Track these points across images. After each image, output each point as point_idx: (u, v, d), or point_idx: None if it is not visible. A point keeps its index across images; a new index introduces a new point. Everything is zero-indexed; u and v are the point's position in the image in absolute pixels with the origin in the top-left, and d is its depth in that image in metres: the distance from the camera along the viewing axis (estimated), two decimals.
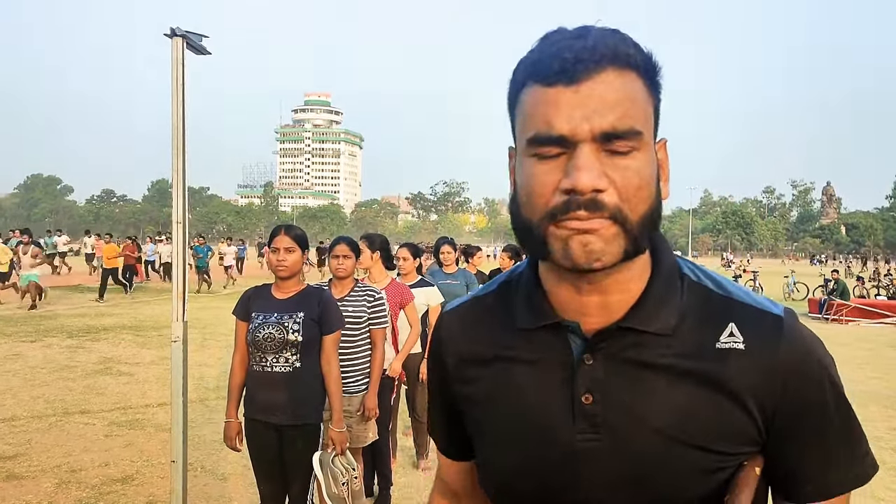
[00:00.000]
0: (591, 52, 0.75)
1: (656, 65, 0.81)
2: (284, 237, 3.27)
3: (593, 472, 0.85)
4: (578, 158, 0.75)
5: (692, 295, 0.88)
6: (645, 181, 0.78)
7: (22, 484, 4.76)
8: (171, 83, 3.53)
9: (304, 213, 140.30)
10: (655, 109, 0.82)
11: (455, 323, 1.01)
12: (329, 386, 3.30)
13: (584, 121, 0.75)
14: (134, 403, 7.05)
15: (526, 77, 0.80)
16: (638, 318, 0.84)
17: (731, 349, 0.84)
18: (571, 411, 0.86)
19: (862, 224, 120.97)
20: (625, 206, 0.76)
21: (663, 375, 0.84)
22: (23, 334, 11.34)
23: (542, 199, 0.78)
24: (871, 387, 8.64)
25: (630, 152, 0.76)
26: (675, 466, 0.83)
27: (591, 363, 0.85)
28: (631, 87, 0.77)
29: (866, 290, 23.84)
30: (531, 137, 0.78)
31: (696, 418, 0.83)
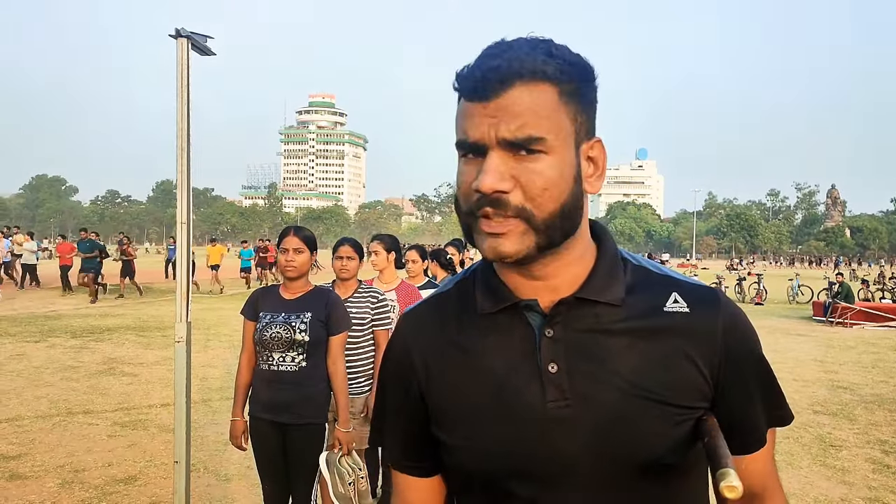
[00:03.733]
0: (497, 71, 0.85)
1: (582, 73, 0.89)
2: (293, 238, 3.28)
3: (566, 436, 0.91)
4: (486, 163, 0.86)
5: (635, 274, 0.98)
6: (551, 182, 0.86)
7: (25, 484, 4.76)
8: (176, 84, 3.53)
9: (308, 214, 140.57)
10: (581, 113, 0.89)
11: (416, 320, 1.06)
12: (335, 386, 3.30)
13: (491, 129, 0.85)
14: (137, 404, 7.05)
15: (456, 89, 0.91)
16: (590, 289, 0.94)
17: (677, 312, 0.95)
18: (540, 382, 0.92)
19: (867, 227, 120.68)
20: (529, 205, 0.86)
21: (619, 338, 0.93)
22: (27, 334, 11.36)
23: (465, 197, 0.90)
24: (878, 390, 8.59)
25: (538, 156, 0.86)
26: (640, 422, 0.91)
27: (552, 335, 0.93)
28: (537, 99, 0.85)
29: (871, 294, 23.77)
30: (456, 142, 0.90)
31: (653, 375, 0.92)
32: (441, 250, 6.42)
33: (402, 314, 1.09)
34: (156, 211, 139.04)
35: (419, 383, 1.01)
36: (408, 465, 1.07)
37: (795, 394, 8.12)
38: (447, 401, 0.99)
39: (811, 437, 6.36)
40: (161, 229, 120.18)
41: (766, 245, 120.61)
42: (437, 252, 6.30)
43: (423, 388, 1.01)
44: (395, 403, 1.06)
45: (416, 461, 1.06)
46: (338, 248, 3.99)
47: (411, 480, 1.08)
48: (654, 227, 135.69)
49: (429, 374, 1.00)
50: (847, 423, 6.92)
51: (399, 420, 1.06)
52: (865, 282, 24.47)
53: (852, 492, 5.02)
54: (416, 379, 1.02)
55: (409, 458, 1.06)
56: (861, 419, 7.09)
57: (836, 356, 11.43)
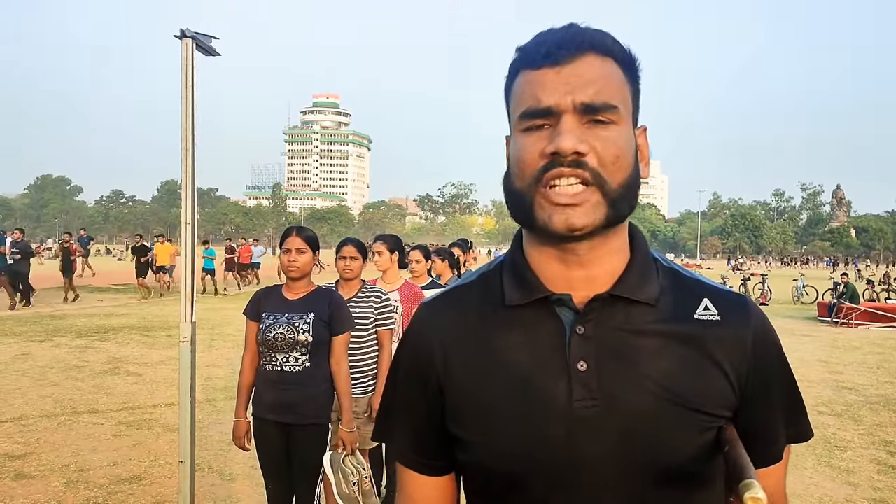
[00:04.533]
0: (573, 38, 0.86)
1: (634, 58, 0.91)
2: (296, 238, 3.29)
3: (591, 437, 0.89)
4: (562, 125, 0.84)
5: (666, 275, 0.97)
6: (623, 151, 0.86)
7: (31, 483, 4.77)
8: (181, 84, 3.54)
9: (312, 214, 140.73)
10: (634, 96, 0.91)
11: (436, 311, 1.02)
12: (339, 386, 3.30)
13: (567, 94, 0.85)
14: (142, 403, 7.07)
15: (517, 67, 0.91)
16: (625, 287, 0.92)
17: (708, 320, 0.93)
18: (568, 380, 0.90)
19: (872, 227, 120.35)
20: (603, 171, 0.85)
21: (651, 341, 0.91)
22: (32, 334, 11.40)
23: (530, 167, 0.87)
24: (883, 391, 8.56)
25: (608, 124, 0.86)
26: (667, 427, 0.88)
27: (583, 332, 0.90)
28: (609, 70, 0.87)
29: (876, 294, 23.68)
30: (522, 112, 0.88)
31: (683, 380, 0.90)
32: (445, 249, 6.42)
33: (421, 304, 1.04)
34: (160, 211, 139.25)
35: (438, 377, 0.97)
36: (419, 461, 1.02)
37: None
38: (467, 396, 0.95)
39: (816, 438, 6.34)
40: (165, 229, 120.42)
41: (770, 245, 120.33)
42: (443, 250, 6.30)
43: (443, 381, 0.97)
44: (411, 397, 1.01)
45: (428, 458, 1.02)
46: (341, 248, 4.00)
47: (420, 479, 1.03)
48: (659, 228, 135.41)
49: (448, 368, 0.96)
50: (852, 424, 6.91)
51: (413, 414, 1.01)
52: (871, 282, 24.37)
53: (857, 493, 5.00)
54: (435, 372, 0.98)
55: (422, 454, 1.02)
56: (866, 420, 7.07)
57: (841, 357, 11.39)
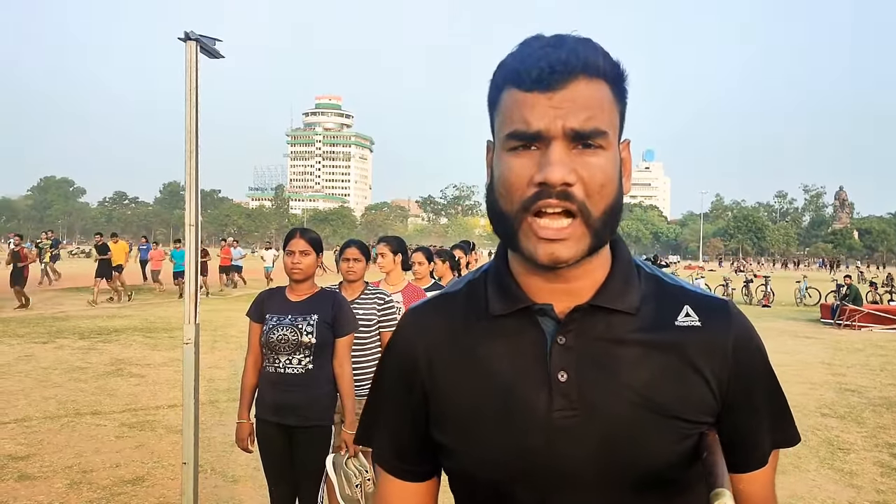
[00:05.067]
0: (565, 63, 0.84)
1: (622, 73, 0.90)
2: (300, 240, 3.29)
3: (571, 446, 0.90)
4: (551, 154, 0.84)
5: (648, 282, 0.97)
6: (608, 178, 0.86)
7: (34, 484, 4.78)
8: (185, 86, 3.55)
9: (315, 215, 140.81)
10: (621, 114, 0.91)
11: (422, 317, 1.03)
12: (342, 388, 3.31)
13: (558, 119, 0.84)
14: (145, 405, 7.08)
15: (506, 81, 0.88)
16: (606, 297, 0.92)
17: (689, 326, 0.93)
18: (548, 390, 0.91)
19: (875, 229, 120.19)
20: (589, 202, 0.85)
21: (631, 350, 0.91)
22: (35, 335, 11.42)
23: (517, 192, 0.86)
24: (886, 393, 8.55)
25: (597, 149, 0.85)
26: (647, 435, 0.89)
27: (564, 342, 0.91)
28: (598, 93, 0.86)
29: (879, 296, 23.66)
30: (510, 133, 0.87)
31: (662, 389, 0.90)
32: (446, 250, 6.43)
33: (408, 309, 1.06)
34: (163, 212, 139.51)
35: (423, 382, 0.98)
36: (399, 467, 1.04)
37: (803, 396, 8.09)
38: (450, 403, 0.96)
39: (819, 440, 6.33)
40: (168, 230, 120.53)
41: (773, 247, 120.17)
42: (444, 252, 6.32)
43: (427, 387, 0.98)
44: (394, 401, 1.02)
45: (409, 464, 1.03)
46: (344, 249, 4.00)
47: (399, 484, 1.04)
48: (661, 229, 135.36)
49: (433, 374, 0.98)
50: (855, 426, 6.90)
51: (396, 419, 1.02)
52: (874, 284, 24.37)
53: (860, 495, 4.99)
54: (419, 378, 0.99)
55: (403, 460, 1.03)
56: (869, 422, 7.06)
57: (844, 359, 11.38)
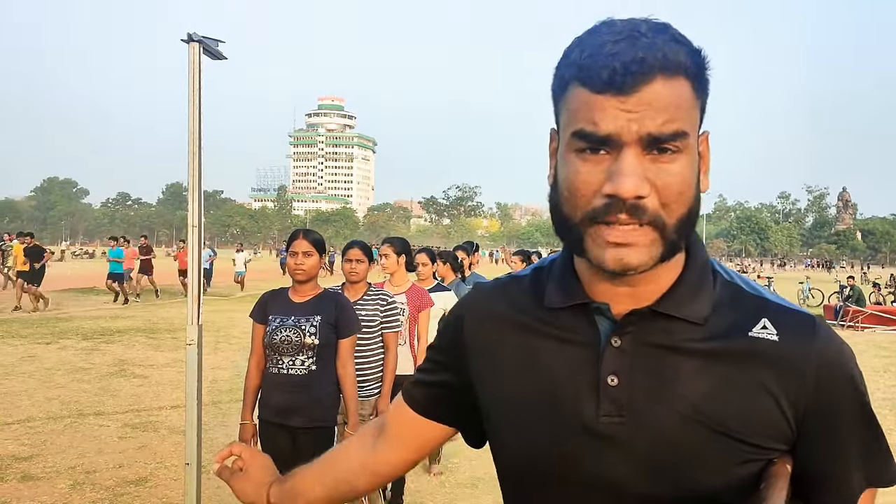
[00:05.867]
0: (641, 63, 0.75)
1: (704, 63, 0.81)
2: (303, 241, 3.29)
3: (616, 455, 0.84)
4: (623, 163, 0.76)
5: (724, 290, 0.88)
6: (686, 184, 0.79)
7: (37, 485, 4.79)
8: (188, 88, 3.55)
9: (318, 216, 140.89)
10: (702, 107, 0.83)
11: (484, 293, 1.01)
12: (345, 389, 3.31)
13: (632, 123, 0.76)
14: (148, 405, 7.08)
15: (573, 77, 0.80)
16: (670, 304, 0.85)
17: (763, 339, 0.83)
18: (596, 392, 0.85)
19: (878, 230, 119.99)
20: (663, 212, 0.78)
21: (692, 360, 0.84)
22: (38, 336, 11.43)
23: (583, 200, 0.79)
24: (890, 395, 8.54)
25: (674, 155, 0.78)
26: (700, 453, 0.82)
27: (619, 345, 0.85)
28: (678, 92, 0.77)
29: (882, 297, 23.62)
30: (577, 131, 0.79)
31: (724, 405, 0.82)
32: (449, 252, 6.44)
33: (474, 286, 1.06)
34: (165, 213, 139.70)
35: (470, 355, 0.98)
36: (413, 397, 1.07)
37: None
38: (492, 391, 0.95)
39: None
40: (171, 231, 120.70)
41: (776, 248, 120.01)
42: (445, 253, 6.32)
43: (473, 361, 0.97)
44: (437, 361, 1.05)
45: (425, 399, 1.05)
46: (347, 250, 4.01)
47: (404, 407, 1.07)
48: None
49: (482, 347, 0.96)
50: None
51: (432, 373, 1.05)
52: (877, 285, 24.32)
53: None
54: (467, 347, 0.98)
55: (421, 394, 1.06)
56: None
57: None
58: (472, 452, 5.83)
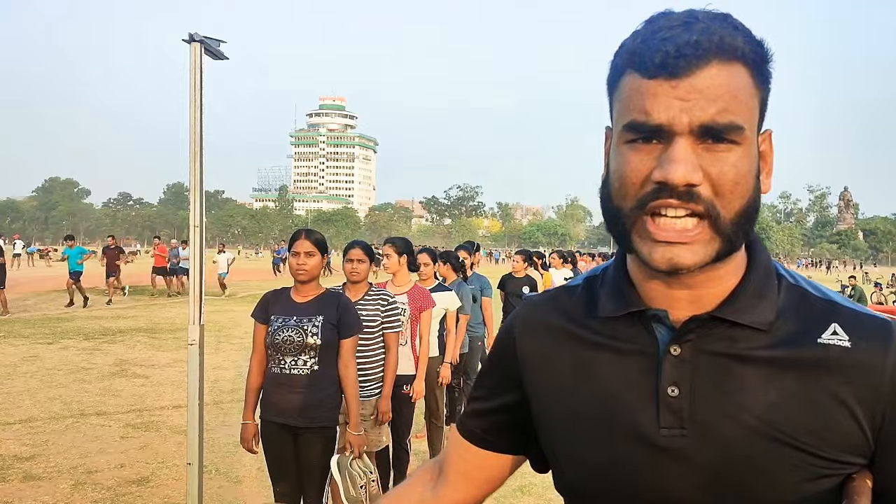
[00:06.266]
0: (695, 45, 0.73)
1: (766, 54, 0.77)
2: (305, 241, 3.29)
3: (678, 470, 0.80)
4: (674, 151, 0.73)
5: (790, 295, 0.84)
6: (742, 176, 0.75)
7: (39, 485, 4.79)
8: (189, 88, 3.56)
9: (319, 216, 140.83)
10: (762, 101, 0.79)
11: (536, 305, 0.98)
12: (346, 389, 3.31)
13: (684, 113, 0.73)
14: (149, 405, 7.09)
15: (626, 64, 0.78)
16: (732, 310, 0.80)
17: (835, 346, 0.79)
18: (655, 404, 0.81)
19: (880, 230, 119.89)
20: (719, 202, 0.74)
21: (758, 369, 0.79)
22: (40, 336, 11.44)
23: (632, 188, 0.77)
24: None
25: (730, 146, 0.74)
26: (769, 467, 0.77)
27: (679, 354, 0.81)
28: (735, 80, 0.74)
29: (884, 297, 23.60)
30: (628, 123, 0.77)
31: (794, 417, 0.77)
32: (451, 252, 6.44)
33: (525, 300, 1.04)
34: (167, 213, 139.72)
35: (524, 368, 0.94)
36: (470, 431, 1.01)
37: None
38: (547, 405, 0.92)
39: None
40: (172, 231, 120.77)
41: (778, 248, 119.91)
42: (447, 254, 6.33)
43: (527, 374, 0.94)
44: (491, 383, 1.00)
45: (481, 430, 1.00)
46: (348, 251, 4.01)
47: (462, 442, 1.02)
48: None
49: (533, 371, 0.93)
50: None
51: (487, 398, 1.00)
52: (878, 285, 24.31)
53: None
54: (520, 362, 0.95)
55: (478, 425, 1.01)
56: None
57: None
58: None
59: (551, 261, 9.96)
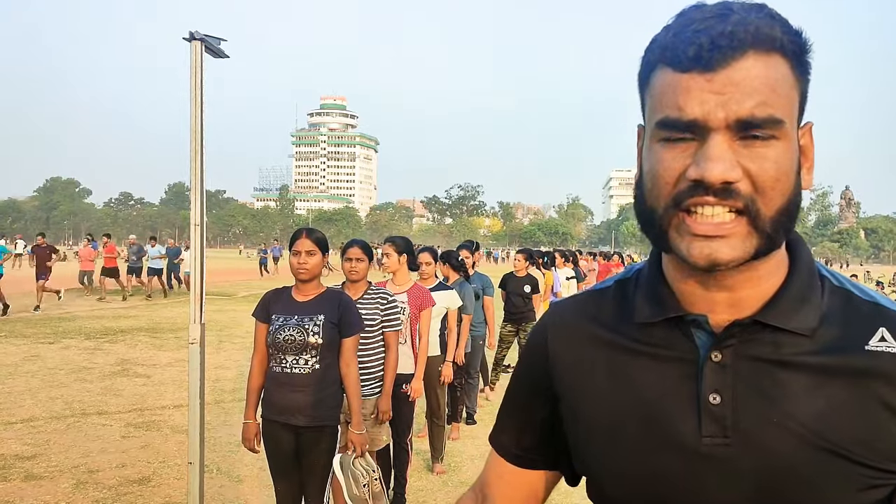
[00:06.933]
0: (730, 37, 0.70)
1: (805, 44, 0.75)
2: (306, 240, 3.28)
3: (720, 480, 0.78)
4: (710, 148, 0.71)
5: (834, 298, 0.81)
6: (783, 172, 0.72)
7: (40, 484, 4.79)
8: (190, 87, 3.55)
9: (320, 216, 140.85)
10: (802, 94, 0.76)
11: (568, 310, 0.94)
12: (348, 388, 3.31)
13: (719, 107, 0.70)
14: (150, 405, 7.09)
15: (658, 59, 0.75)
16: (774, 314, 0.78)
17: (883, 352, 0.76)
18: (696, 412, 0.79)
19: (881, 228, 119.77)
20: (759, 199, 0.72)
21: (804, 376, 0.77)
22: (41, 336, 11.45)
23: (667, 186, 0.74)
24: None
25: (769, 141, 0.71)
26: (817, 477, 0.75)
27: (720, 360, 0.79)
28: (773, 72, 0.71)
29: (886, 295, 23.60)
30: (660, 120, 0.74)
31: (842, 425, 0.75)
32: (451, 252, 6.44)
33: (552, 305, 1.00)
34: (168, 213, 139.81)
35: (554, 387, 0.92)
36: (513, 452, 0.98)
37: None
38: (585, 416, 0.88)
39: None
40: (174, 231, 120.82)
41: None
42: (449, 253, 6.33)
43: (559, 392, 0.91)
44: (521, 395, 0.98)
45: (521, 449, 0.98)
46: (347, 249, 4.00)
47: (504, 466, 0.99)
48: None
49: (566, 380, 0.90)
50: None
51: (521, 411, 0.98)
52: (880, 283, 24.29)
53: None
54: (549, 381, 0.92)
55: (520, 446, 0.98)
56: None
57: None
58: (474, 451, 5.83)
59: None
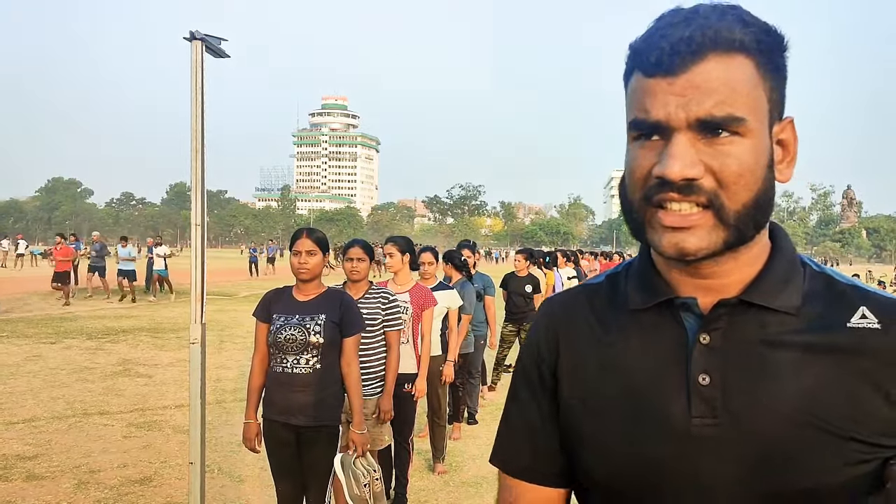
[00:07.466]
0: (689, 42, 0.74)
1: (775, 42, 0.78)
2: (306, 240, 3.28)
3: (712, 461, 0.79)
4: (671, 147, 0.75)
5: (815, 281, 0.84)
6: (747, 167, 0.76)
7: (42, 484, 4.79)
8: (191, 86, 3.54)
9: (321, 216, 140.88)
10: (774, 91, 0.79)
11: (560, 303, 0.97)
12: (349, 388, 3.30)
13: (680, 109, 0.75)
14: (152, 405, 7.09)
15: (633, 64, 0.80)
16: (758, 294, 0.81)
17: (865, 329, 0.79)
18: (686, 393, 0.81)
19: (883, 228, 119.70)
20: (723, 194, 0.75)
21: (789, 354, 0.79)
22: (43, 336, 11.45)
23: (639, 182, 0.79)
24: None
25: (732, 137, 0.75)
26: (807, 454, 0.77)
27: (708, 342, 0.81)
28: (735, 73, 0.75)
29: None
30: (631, 121, 0.80)
31: (829, 401, 0.77)
32: (454, 252, 6.43)
33: (544, 301, 1.01)
34: (169, 213, 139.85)
35: (550, 377, 0.92)
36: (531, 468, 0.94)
37: None
38: (577, 402, 0.89)
39: None
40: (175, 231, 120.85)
41: None
42: (451, 253, 6.32)
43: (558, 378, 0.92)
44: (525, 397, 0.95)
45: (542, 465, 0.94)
46: (348, 249, 4.00)
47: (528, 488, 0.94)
48: None
49: (561, 368, 0.91)
50: None
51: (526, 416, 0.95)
52: (882, 283, 24.24)
53: None
54: (547, 372, 0.93)
55: (536, 459, 0.94)
56: None
57: None
58: (476, 451, 5.83)
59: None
